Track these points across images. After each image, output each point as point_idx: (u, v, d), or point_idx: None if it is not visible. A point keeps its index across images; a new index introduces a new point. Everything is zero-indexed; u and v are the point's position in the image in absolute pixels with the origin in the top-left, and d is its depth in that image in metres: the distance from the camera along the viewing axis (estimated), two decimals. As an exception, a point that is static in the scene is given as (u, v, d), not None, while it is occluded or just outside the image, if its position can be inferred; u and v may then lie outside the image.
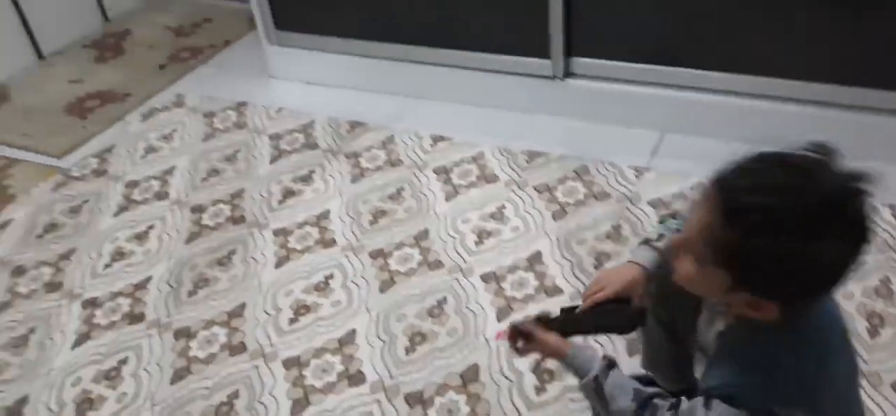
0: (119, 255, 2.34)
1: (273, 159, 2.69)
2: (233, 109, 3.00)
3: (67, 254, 2.36)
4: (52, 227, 2.49)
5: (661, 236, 1.31)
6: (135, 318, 2.10)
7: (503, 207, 2.30)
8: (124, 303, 2.15)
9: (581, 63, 2.59)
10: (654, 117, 2.52)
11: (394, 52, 2.87)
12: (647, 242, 1.33)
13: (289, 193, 2.51)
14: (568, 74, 2.62)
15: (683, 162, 2.36)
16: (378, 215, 2.35)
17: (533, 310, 1.88)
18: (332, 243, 2.26)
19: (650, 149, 2.47)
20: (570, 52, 2.58)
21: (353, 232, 2.29)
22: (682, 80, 2.46)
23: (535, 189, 2.35)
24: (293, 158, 2.68)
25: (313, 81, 3.07)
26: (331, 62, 3.00)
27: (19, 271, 2.31)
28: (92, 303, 2.16)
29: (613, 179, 2.35)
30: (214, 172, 2.66)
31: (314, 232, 2.32)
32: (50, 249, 2.39)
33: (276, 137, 2.80)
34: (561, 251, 2.10)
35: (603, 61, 2.55)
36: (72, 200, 2.60)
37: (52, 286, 2.24)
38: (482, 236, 2.21)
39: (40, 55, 3.53)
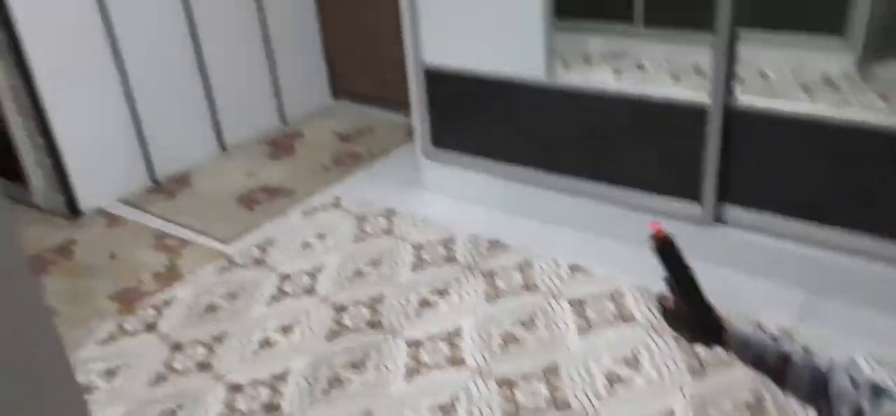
0: (266, 344, 2.50)
1: (414, 268, 2.80)
2: (383, 215, 3.17)
3: (221, 337, 2.56)
4: (211, 309, 2.71)
5: (776, 339, 1.19)
6: (271, 408, 2.22)
7: (638, 352, 2.24)
8: (263, 392, 2.28)
9: (733, 211, 2.53)
10: (805, 277, 2.39)
11: (540, 179, 2.94)
12: (759, 325, 1.25)
13: (425, 304, 2.59)
14: (718, 220, 2.56)
15: (833, 330, 2.21)
16: (509, 339, 2.37)
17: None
18: (462, 362, 2.30)
19: (798, 311, 2.33)
20: (722, 198, 2.53)
21: (482, 355, 2.32)
22: (838, 242, 2.33)
23: (673, 338, 2.28)
24: (432, 270, 2.77)
25: (460, 197, 3.19)
26: (479, 181, 3.12)
27: (177, 348, 2.53)
28: (236, 388, 2.32)
29: (758, 337, 2.23)
30: (359, 274, 2.81)
31: (445, 348, 2.37)
32: (206, 329, 2.60)
33: (418, 247, 2.92)
34: (695, 415, 2.01)
35: (756, 212, 2.48)
36: (231, 286, 2.83)
37: (204, 366, 2.43)
38: (613, 381, 2.16)
39: (223, 147, 3.93)
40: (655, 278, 2.66)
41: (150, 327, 2.64)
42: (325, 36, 4.29)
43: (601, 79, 2.94)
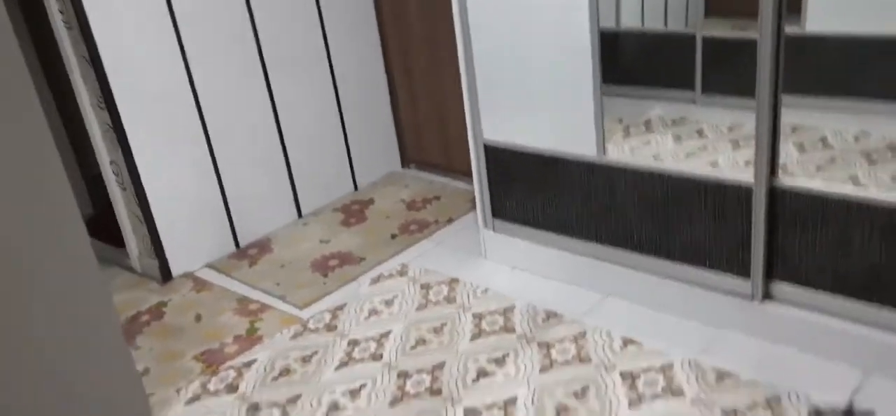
0: (334, 407, 2.69)
1: (473, 337, 2.95)
2: (446, 283, 3.35)
3: (294, 399, 2.77)
4: (285, 371, 2.94)
5: None
6: (337, 470, 2.40)
7: (684, 426, 2.32)
8: (331, 454, 2.47)
9: (781, 287, 2.59)
10: (857, 355, 2.42)
11: (595, 252, 3.07)
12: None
13: (482, 373, 2.73)
14: (766, 296, 2.62)
15: (889, 410, 2.23)
16: (561, 410, 2.48)
17: None
18: (515, 431, 2.43)
19: (851, 388, 2.36)
20: (770, 274, 2.59)
21: (535, 424, 2.44)
22: (891, 322, 2.35)
23: (722, 412, 2.35)
24: (491, 339, 2.92)
25: (520, 267, 3.34)
26: (538, 252, 3.26)
27: (254, 408, 2.75)
28: (305, 449, 2.52)
29: (807, 414, 2.28)
30: (422, 341, 2.98)
31: (500, 417, 2.50)
32: (281, 391, 2.82)
33: (478, 316, 3.07)
34: (738, 486, 2.08)
35: (805, 289, 2.53)
36: (304, 350, 3.05)
37: (278, 427, 2.65)
38: (658, 453, 2.24)
39: (300, 214, 4.22)
40: (706, 352, 2.74)
41: (231, 388, 2.89)
42: (395, 108, 4.55)
43: (654, 150, 3.06)
